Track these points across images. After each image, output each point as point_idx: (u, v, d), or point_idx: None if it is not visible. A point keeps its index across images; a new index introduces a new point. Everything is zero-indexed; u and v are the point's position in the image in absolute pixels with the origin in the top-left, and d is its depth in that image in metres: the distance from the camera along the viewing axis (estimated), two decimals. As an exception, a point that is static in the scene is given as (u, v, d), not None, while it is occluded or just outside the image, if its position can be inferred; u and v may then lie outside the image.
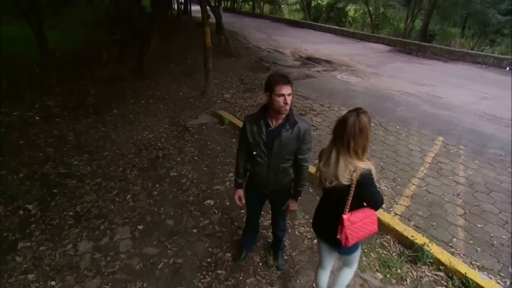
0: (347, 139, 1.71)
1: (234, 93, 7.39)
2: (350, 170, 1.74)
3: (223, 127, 5.66)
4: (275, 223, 2.76)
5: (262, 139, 2.22)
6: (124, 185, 4.07)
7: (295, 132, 2.20)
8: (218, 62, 10.45)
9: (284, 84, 2.04)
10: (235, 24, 21.76)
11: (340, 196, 1.82)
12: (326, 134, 5.39)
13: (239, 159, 2.46)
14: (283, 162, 2.31)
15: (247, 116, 2.36)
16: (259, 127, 2.21)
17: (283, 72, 2.20)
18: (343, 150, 1.75)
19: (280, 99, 2.06)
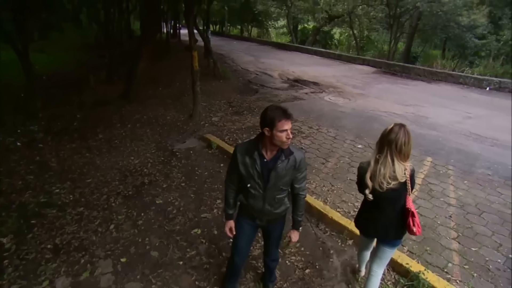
0: (400, 146, 2.06)
1: (222, 116, 7.35)
2: (403, 169, 2.11)
3: (211, 151, 5.57)
4: (267, 252, 2.64)
5: (257, 171, 2.13)
6: (107, 214, 3.89)
7: (291, 163, 2.16)
8: (207, 85, 10.48)
9: (287, 120, 2.01)
10: (224, 47, 22.11)
11: (396, 195, 2.16)
12: (315, 157, 5.35)
13: (229, 190, 2.36)
14: (279, 193, 2.25)
15: (238, 146, 2.25)
16: (253, 159, 2.12)
17: (283, 107, 2.06)
18: (397, 155, 2.08)
19: (283, 135, 2.02)
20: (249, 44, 24.92)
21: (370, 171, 2.16)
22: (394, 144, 2.06)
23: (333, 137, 6.19)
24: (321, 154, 5.47)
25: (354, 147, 5.77)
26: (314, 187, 4.44)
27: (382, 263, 2.46)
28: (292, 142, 5.62)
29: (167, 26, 23.01)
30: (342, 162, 5.18)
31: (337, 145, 5.86)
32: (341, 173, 4.83)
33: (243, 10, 26.42)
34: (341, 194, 4.29)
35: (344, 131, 6.54)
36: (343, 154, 5.49)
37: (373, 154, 2.24)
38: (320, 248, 3.36)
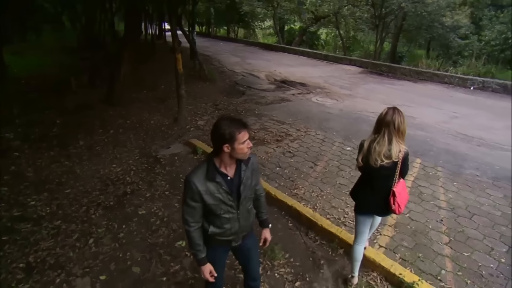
0: (398, 125, 2.27)
1: (208, 119, 7.18)
2: (399, 150, 2.30)
3: (196, 157, 5.39)
4: (248, 272, 2.39)
5: (226, 193, 1.92)
6: (86, 228, 3.67)
7: (250, 167, 2.00)
8: (192, 87, 10.28)
9: (245, 129, 1.85)
10: (210, 48, 21.90)
11: (388, 173, 2.36)
12: (304, 160, 5.24)
13: (193, 230, 1.97)
14: (249, 203, 2.11)
15: (192, 177, 1.86)
16: (217, 182, 1.88)
17: (234, 116, 1.91)
18: (395, 134, 2.29)
19: (245, 146, 1.84)
20: (235, 45, 24.77)
21: (364, 151, 2.44)
22: (392, 125, 2.28)
23: (321, 140, 6.09)
24: (310, 157, 5.36)
25: (342, 150, 5.68)
26: (303, 192, 4.32)
27: (373, 227, 2.94)
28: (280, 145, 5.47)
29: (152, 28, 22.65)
30: (331, 166, 5.08)
31: (326, 147, 5.76)
32: (330, 177, 4.73)
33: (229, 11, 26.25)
34: (331, 200, 4.18)
35: (332, 133, 6.45)
36: (332, 157, 5.39)
37: (369, 135, 2.47)
38: (310, 258, 3.24)
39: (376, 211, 2.64)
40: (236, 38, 29.30)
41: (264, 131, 6.43)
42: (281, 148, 5.67)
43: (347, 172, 4.88)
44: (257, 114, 7.53)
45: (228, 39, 29.20)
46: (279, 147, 5.69)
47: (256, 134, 6.25)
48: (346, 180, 4.65)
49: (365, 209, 2.66)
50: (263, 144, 5.84)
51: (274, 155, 5.40)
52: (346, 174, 4.83)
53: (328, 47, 24.92)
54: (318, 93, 9.97)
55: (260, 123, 6.88)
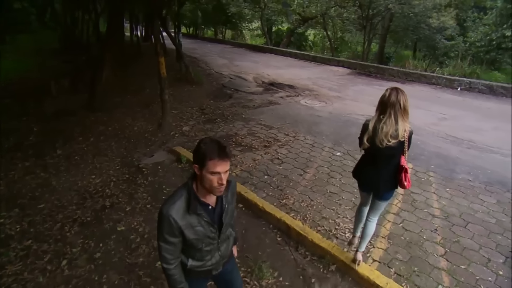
0: (403, 105, 2.29)
1: (194, 125, 6.93)
2: (404, 129, 2.33)
3: (180, 166, 5.14)
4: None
5: (209, 225, 1.70)
6: (60, 247, 3.40)
7: (230, 191, 1.79)
8: (179, 91, 10.02)
9: (221, 160, 1.55)
10: (197, 50, 21.60)
11: (392, 152, 2.41)
12: (293, 168, 5.05)
13: (174, 269, 1.73)
14: (229, 229, 1.92)
15: (169, 209, 1.60)
16: (198, 214, 1.64)
17: (221, 142, 1.61)
18: (400, 114, 2.31)
19: (214, 178, 1.56)
20: (223, 47, 24.49)
21: (370, 132, 2.41)
22: (398, 105, 2.29)
23: (310, 145, 5.92)
24: (299, 164, 5.17)
25: (333, 155, 5.52)
26: (292, 202, 4.13)
27: (377, 213, 2.81)
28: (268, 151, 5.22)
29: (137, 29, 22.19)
30: (321, 173, 4.91)
31: (315, 153, 5.59)
32: (320, 185, 4.55)
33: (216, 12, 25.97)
34: (321, 210, 4.00)
35: (322, 137, 6.29)
36: (322, 163, 5.22)
37: (374, 115, 2.45)
38: (301, 276, 3.04)
39: (378, 189, 2.63)
40: (224, 40, 29.01)
41: (251, 137, 6.22)
42: (269, 154, 5.47)
43: (338, 180, 4.71)
44: (244, 118, 7.32)
45: (215, 41, 28.90)
46: (267, 154, 5.49)
47: (243, 140, 6.04)
48: (336, 188, 4.47)
49: (366, 186, 2.75)
50: (250, 150, 5.64)
51: (262, 162, 5.20)
52: (337, 181, 4.66)
53: (316, 48, 24.88)
54: (307, 95, 9.82)
55: (248, 128, 6.67)
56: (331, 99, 9.38)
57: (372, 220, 2.84)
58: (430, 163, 5.30)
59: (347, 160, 5.33)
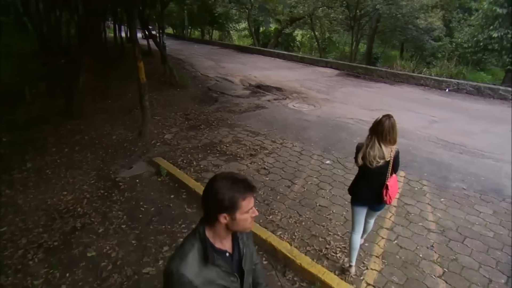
0: (385, 135, 2.58)
1: (177, 132, 6.59)
2: (390, 150, 2.64)
3: (160, 179, 4.80)
4: None
5: (229, 275, 1.39)
6: (19, 280, 3.03)
7: (248, 233, 1.50)
8: (162, 95, 9.67)
9: (251, 193, 1.33)
10: (183, 52, 21.17)
11: (381, 170, 2.68)
12: (280, 178, 4.77)
13: None
14: (252, 274, 1.59)
15: (181, 269, 1.26)
16: (218, 266, 1.34)
17: (236, 175, 1.36)
18: (383, 141, 2.61)
19: (249, 215, 1.33)
20: (210, 48, 24.10)
21: (362, 153, 2.73)
22: (381, 133, 2.61)
23: (298, 152, 5.66)
24: (286, 174, 4.90)
25: (322, 164, 5.27)
26: (279, 218, 3.85)
27: (373, 216, 3.13)
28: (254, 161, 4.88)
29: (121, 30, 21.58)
30: (310, 184, 4.64)
31: (304, 162, 5.33)
32: (309, 198, 4.29)
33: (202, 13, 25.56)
34: (311, 226, 3.73)
35: (310, 144, 6.04)
36: (311, 173, 4.96)
37: (366, 138, 2.75)
38: (289, 307, 2.77)
39: (370, 203, 2.91)
40: (211, 40, 28.59)
41: (237, 144, 5.92)
42: (255, 164, 5.18)
43: (328, 191, 4.46)
44: (229, 124, 7.02)
45: (202, 42, 28.46)
46: (253, 163, 5.20)
47: (228, 149, 5.74)
48: (326, 201, 4.22)
49: (360, 200, 2.93)
50: (235, 160, 5.34)
51: (247, 173, 4.91)
52: (327, 193, 4.41)
53: (304, 49, 24.75)
54: (295, 98, 9.58)
55: (233, 135, 6.37)
56: (319, 102, 9.15)
57: (369, 221, 3.15)
58: (423, 171, 5.11)
59: (337, 169, 5.09)
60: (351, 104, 9.03)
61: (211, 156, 5.47)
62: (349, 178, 4.78)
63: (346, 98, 9.75)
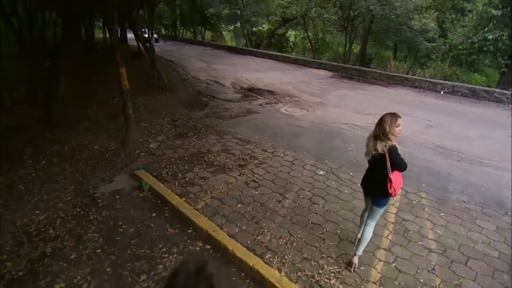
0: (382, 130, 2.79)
1: (163, 140, 6.26)
2: (384, 145, 2.79)
3: (142, 194, 4.47)
4: None
5: None
6: (-24, 317, 2.71)
7: None
8: (150, 100, 9.32)
9: None
10: (175, 53, 20.82)
11: (380, 163, 2.84)
12: (271, 192, 4.48)
13: None
14: None
15: None
16: None
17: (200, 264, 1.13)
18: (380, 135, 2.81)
19: None
20: (202, 49, 23.78)
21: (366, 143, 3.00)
22: (378, 128, 2.81)
23: (290, 162, 5.37)
24: (277, 187, 4.61)
25: (315, 175, 4.99)
26: (268, 239, 3.55)
27: (373, 218, 3.10)
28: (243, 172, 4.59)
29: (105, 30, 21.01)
30: (302, 198, 4.36)
31: (296, 172, 5.04)
32: (301, 214, 4.00)
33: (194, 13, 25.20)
34: (302, 248, 3.44)
35: (303, 152, 5.76)
36: (303, 185, 4.67)
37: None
38: None
39: (372, 194, 3.08)
40: (203, 41, 28.24)
41: (225, 154, 5.62)
42: (245, 176, 4.88)
43: (321, 206, 4.18)
44: (219, 131, 6.71)
45: (195, 42, 28.11)
46: (242, 175, 4.91)
47: (216, 159, 5.43)
48: (319, 218, 3.93)
49: (364, 189, 3.21)
50: (223, 171, 5.03)
51: (236, 186, 4.61)
52: (320, 209, 4.13)
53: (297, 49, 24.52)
54: (287, 102, 9.31)
55: (222, 144, 6.07)
56: (312, 106, 8.89)
57: (369, 224, 3.12)
58: (421, 181, 4.86)
59: (331, 181, 4.81)
60: (345, 108, 8.79)
61: (197, 168, 5.16)
62: (343, 191, 4.53)
63: (340, 101, 9.50)
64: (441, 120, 7.96)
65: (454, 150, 6.12)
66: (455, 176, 5.08)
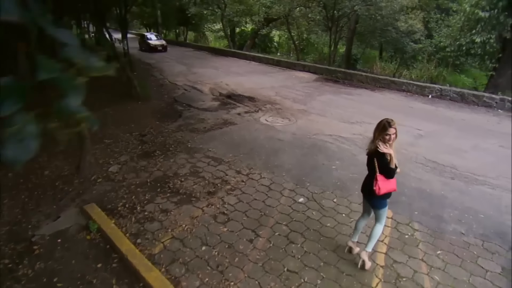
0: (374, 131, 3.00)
1: (126, 161, 5.56)
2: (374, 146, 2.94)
3: (89, 237, 3.78)
4: None
5: None
6: None
7: None
8: (119, 110, 8.59)
9: None
10: (155, 55, 20.05)
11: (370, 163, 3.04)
12: (242, 228, 3.85)
13: None
14: None
15: None
16: None
17: None
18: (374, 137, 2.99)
19: None
20: (184, 50, 23.01)
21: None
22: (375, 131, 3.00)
23: (267, 187, 4.76)
24: (250, 221, 3.98)
25: (294, 203, 4.38)
26: (235, 297, 2.93)
27: (380, 220, 3.18)
28: (212, 202, 3.92)
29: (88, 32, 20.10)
30: (277, 235, 3.74)
31: (272, 201, 4.43)
32: (276, 259, 3.38)
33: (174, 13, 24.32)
34: (276, 308, 2.83)
35: (281, 174, 5.15)
36: (280, 218, 4.06)
37: None
38: None
39: (366, 195, 3.20)
40: (185, 42, 27.37)
41: (194, 178, 4.96)
42: (213, 207, 4.24)
43: (299, 246, 3.57)
44: (190, 148, 6.04)
45: (177, 43, 27.26)
46: (210, 206, 4.26)
47: (182, 185, 4.77)
48: (297, 263, 3.33)
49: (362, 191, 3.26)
50: (189, 201, 4.38)
51: (202, 221, 3.97)
52: (298, 249, 3.52)
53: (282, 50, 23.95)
54: (268, 110, 8.69)
55: (191, 165, 5.41)
56: (295, 115, 8.30)
57: (377, 226, 3.19)
58: (413, 208, 4.31)
59: (312, 211, 4.22)
60: (330, 116, 8.23)
61: (160, 197, 4.49)
62: (325, 224, 3.94)
63: (324, 108, 8.95)
64: (430, 128, 7.49)
65: (446, 165, 5.62)
66: (450, 199, 4.56)
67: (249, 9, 20.77)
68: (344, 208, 4.28)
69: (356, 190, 4.68)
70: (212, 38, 29.75)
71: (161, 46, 21.92)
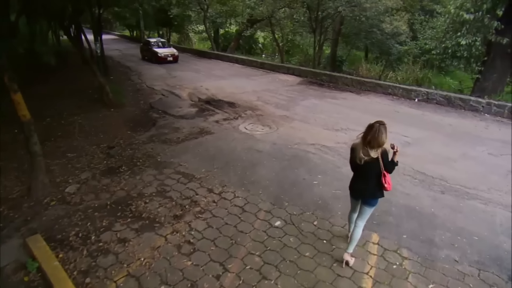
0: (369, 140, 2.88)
1: (87, 179, 5.00)
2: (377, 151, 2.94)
3: (27, 278, 3.22)
4: None
5: None
6: None
7: None
8: (89, 118, 8.01)
9: None
10: (134, 58, 19.39)
11: (373, 166, 2.98)
12: (209, 261, 3.36)
13: None
14: None
15: None
16: None
17: None
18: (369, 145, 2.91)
19: None
20: (166, 52, 22.30)
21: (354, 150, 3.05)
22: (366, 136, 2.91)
23: (240, 208, 4.27)
24: (218, 252, 3.49)
25: (269, 228, 3.91)
26: None
27: (363, 218, 3.28)
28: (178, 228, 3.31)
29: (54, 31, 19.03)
30: (248, 270, 3.26)
31: (245, 225, 3.95)
32: (246, 301, 2.91)
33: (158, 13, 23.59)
34: None
35: (258, 191, 4.68)
36: (253, 247, 3.58)
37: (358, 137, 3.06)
38: None
39: (364, 195, 3.22)
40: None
41: (159, 199, 4.44)
42: (178, 235, 3.73)
43: (273, 283, 3.10)
44: (159, 163, 5.52)
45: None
46: (175, 234, 3.76)
47: (146, 207, 4.25)
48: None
49: (353, 192, 3.34)
50: (152, 227, 3.86)
51: (164, 253, 3.46)
52: (271, 287, 3.05)
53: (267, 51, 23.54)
54: (248, 117, 8.22)
55: (159, 182, 4.89)
56: (276, 122, 7.85)
57: (358, 225, 3.27)
58: (401, 230, 3.90)
59: (289, 236, 3.75)
60: (313, 123, 7.81)
61: (120, 223, 3.96)
62: (304, 254, 3.48)
63: (307, 114, 8.53)
64: (418, 135, 7.14)
65: (435, 177, 5.25)
66: (440, 218, 4.17)
67: (233, 10, 20.25)
68: (326, 233, 3.83)
69: (339, 210, 4.26)
70: (196, 39, 29.12)
71: (171, 55, 17.37)
